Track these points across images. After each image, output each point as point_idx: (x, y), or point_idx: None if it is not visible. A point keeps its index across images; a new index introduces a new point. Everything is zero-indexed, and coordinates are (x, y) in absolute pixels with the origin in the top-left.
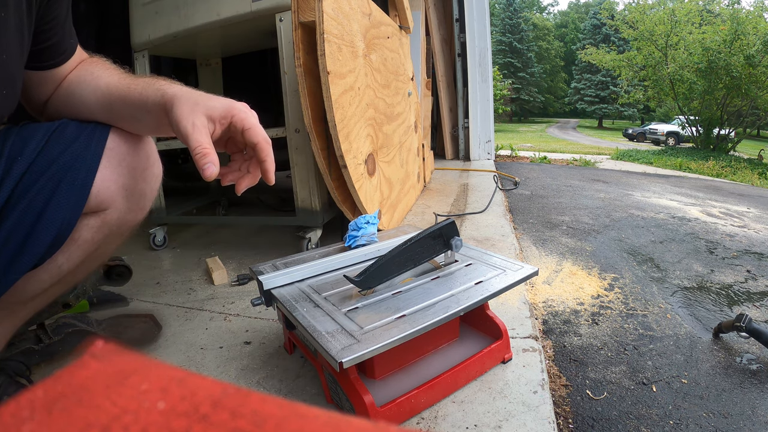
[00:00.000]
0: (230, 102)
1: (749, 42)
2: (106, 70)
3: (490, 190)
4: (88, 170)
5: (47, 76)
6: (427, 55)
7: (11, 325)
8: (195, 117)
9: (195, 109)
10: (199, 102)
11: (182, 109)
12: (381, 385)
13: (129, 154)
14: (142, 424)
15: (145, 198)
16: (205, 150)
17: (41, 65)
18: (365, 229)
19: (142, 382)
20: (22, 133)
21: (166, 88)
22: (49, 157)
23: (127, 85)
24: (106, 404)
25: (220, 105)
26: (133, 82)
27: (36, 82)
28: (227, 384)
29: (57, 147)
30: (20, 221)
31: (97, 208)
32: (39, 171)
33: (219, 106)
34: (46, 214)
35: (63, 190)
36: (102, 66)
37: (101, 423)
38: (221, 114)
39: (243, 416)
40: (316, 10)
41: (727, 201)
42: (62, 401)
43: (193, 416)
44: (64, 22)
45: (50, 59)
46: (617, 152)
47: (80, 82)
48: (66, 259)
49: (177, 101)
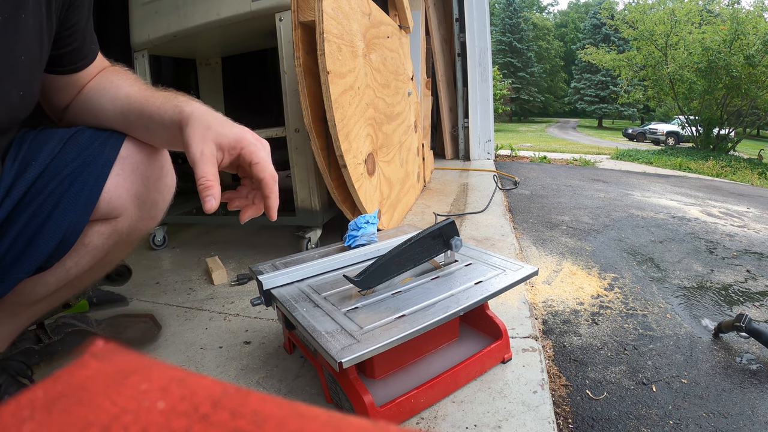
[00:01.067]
0: (242, 132)
1: (749, 42)
2: (127, 80)
3: (489, 190)
4: (98, 176)
5: (67, 81)
6: (427, 55)
7: (15, 326)
8: (205, 144)
9: (206, 135)
10: (212, 127)
11: (194, 132)
12: (381, 385)
13: (143, 163)
14: (142, 423)
15: (157, 207)
16: (209, 182)
17: (61, 69)
18: (365, 229)
19: (142, 381)
20: (39, 138)
21: (183, 105)
22: (62, 163)
23: (146, 98)
24: (106, 404)
25: (231, 134)
26: (153, 95)
27: (56, 86)
28: (227, 384)
29: (71, 153)
30: (29, 222)
31: (109, 216)
32: (51, 175)
33: (230, 135)
34: (54, 216)
35: (72, 195)
36: (123, 75)
37: (101, 423)
38: (230, 144)
39: (243, 416)
40: (316, 9)
41: (727, 201)
42: (62, 401)
43: (193, 416)
44: (84, 27)
45: (70, 64)
46: (617, 152)
47: (100, 90)
48: (74, 264)
49: (191, 122)
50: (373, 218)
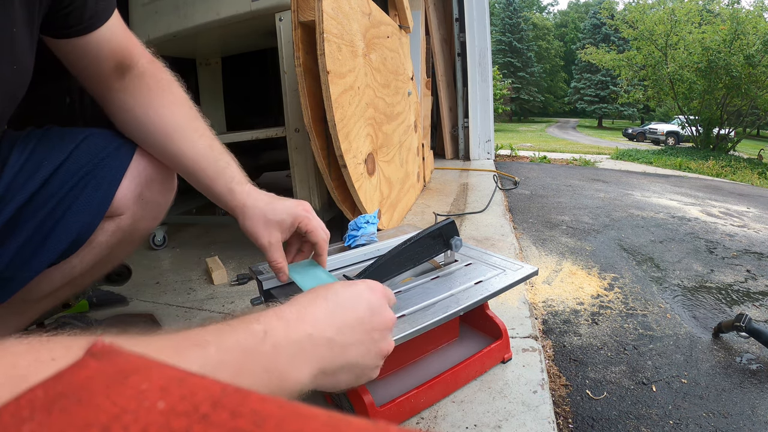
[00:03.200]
0: (295, 209)
1: (749, 42)
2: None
3: (489, 190)
4: (112, 180)
5: (87, 46)
6: (426, 55)
7: (18, 324)
8: (270, 235)
9: (268, 225)
10: (269, 216)
11: (257, 225)
12: (381, 384)
13: (149, 167)
14: (142, 423)
15: (159, 208)
16: (279, 265)
17: (67, 32)
18: (365, 229)
19: (142, 381)
20: (48, 136)
21: (237, 190)
22: (76, 164)
23: (196, 160)
24: (106, 404)
25: (288, 217)
26: (204, 157)
27: (80, 53)
28: (227, 384)
29: (85, 155)
30: (43, 221)
31: (113, 213)
32: (65, 175)
33: (287, 219)
34: (68, 217)
35: (86, 196)
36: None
37: (101, 422)
38: (290, 226)
39: (243, 416)
40: (316, 9)
41: (727, 201)
42: (62, 401)
43: (193, 416)
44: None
45: (78, 24)
46: (617, 152)
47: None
48: (79, 261)
49: (248, 215)
50: (373, 218)
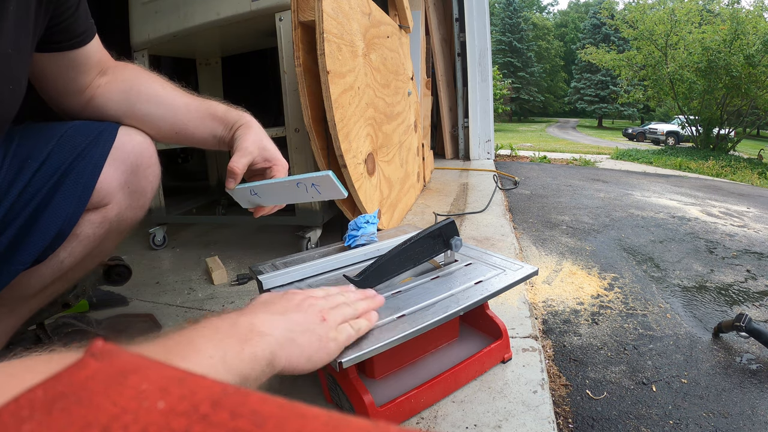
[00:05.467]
0: (278, 153)
1: (749, 42)
2: (167, 88)
3: (489, 190)
4: (93, 169)
5: (78, 58)
6: (426, 55)
7: (12, 323)
8: (254, 147)
9: (256, 142)
10: (262, 139)
11: (249, 135)
12: (381, 384)
13: (133, 153)
14: (142, 423)
15: (145, 196)
16: (236, 168)
17: (58, 46)
18: (365, 229)
19: (142, 381)
20: (27, 133)
21: (231, 109)
22: (59, 158)
23: (188, 102)
24: (105, 404)
25: (273, 150)
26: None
27: (57, 69)
28: (227, 384)
29: (67, 148)
30: (28, 216)
31: (98, 204)
32: (48, 170)
33: (272, 151)
34: (50, 209)
35: (67, 187)
36: (157, 82)
37: (101, 423)
38: (259, 153)
39: (243, 416)
40: (316, 9)
41: (727, 201)
42: (62, 401)
43: (193, 416)
44: (78, 5)
45: (66, 40)
46: (617, 152)
47: (140, 93)
48: (68, 255)
49: (248, 124)
50: (373, 218)
